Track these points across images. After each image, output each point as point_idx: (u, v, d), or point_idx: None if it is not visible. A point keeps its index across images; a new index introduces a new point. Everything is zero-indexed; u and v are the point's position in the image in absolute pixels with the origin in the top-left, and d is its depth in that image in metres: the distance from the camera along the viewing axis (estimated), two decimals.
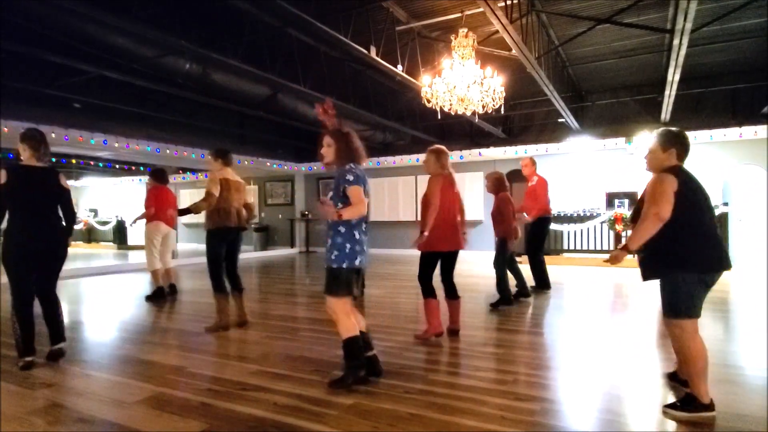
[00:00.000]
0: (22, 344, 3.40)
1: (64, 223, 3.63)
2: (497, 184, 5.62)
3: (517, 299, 5.77)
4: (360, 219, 2.99)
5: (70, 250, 3.65)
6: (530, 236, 6.61)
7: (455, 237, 4.12)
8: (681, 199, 2.49)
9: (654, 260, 2.61)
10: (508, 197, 5.58)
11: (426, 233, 3.98)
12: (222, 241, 4.55)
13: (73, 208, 3.71)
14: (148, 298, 6.23)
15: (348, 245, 2.93)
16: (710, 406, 2.51)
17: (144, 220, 6.32)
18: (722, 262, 2.55)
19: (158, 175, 6.47)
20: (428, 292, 4.13)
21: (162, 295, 6.26)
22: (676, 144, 2.64)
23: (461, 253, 4.28)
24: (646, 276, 2.68)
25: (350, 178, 2.91)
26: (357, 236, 2.98)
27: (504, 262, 5.53)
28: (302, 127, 11.16)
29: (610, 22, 6.42)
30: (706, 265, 2.53)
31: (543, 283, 6.48)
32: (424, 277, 4.14)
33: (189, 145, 11.16)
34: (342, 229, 2.94)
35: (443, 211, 4.02)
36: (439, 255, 4.14)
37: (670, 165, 2.62)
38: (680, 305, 2.52)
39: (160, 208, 6.27)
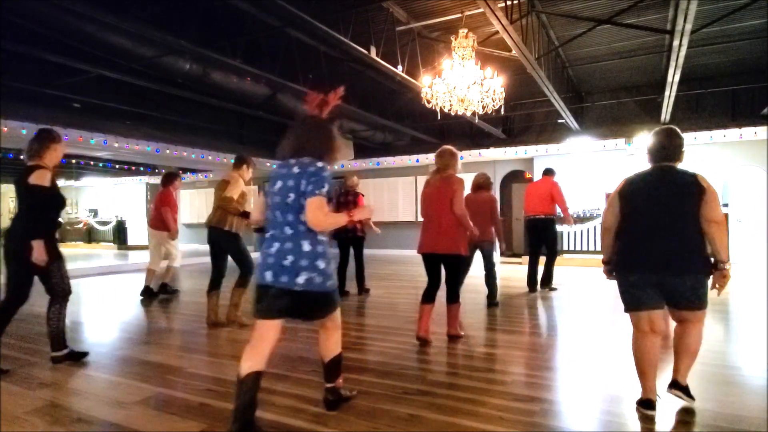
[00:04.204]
0: None
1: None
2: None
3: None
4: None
5: (69, 250, 3.62)
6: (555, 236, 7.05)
7: (432, 239, 3.96)
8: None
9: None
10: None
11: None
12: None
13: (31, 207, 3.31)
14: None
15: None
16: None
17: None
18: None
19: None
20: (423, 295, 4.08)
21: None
22: None
23: None
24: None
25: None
26: None
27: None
28: None
29: (610, 22, 6.42)
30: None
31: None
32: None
33: (189, 145, 11.15)
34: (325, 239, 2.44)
35: (423, 214, 4.10)
36: (423, 258, 4.08)
37: None
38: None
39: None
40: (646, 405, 2.57)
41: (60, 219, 3.60)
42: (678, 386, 2.65)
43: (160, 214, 6.37)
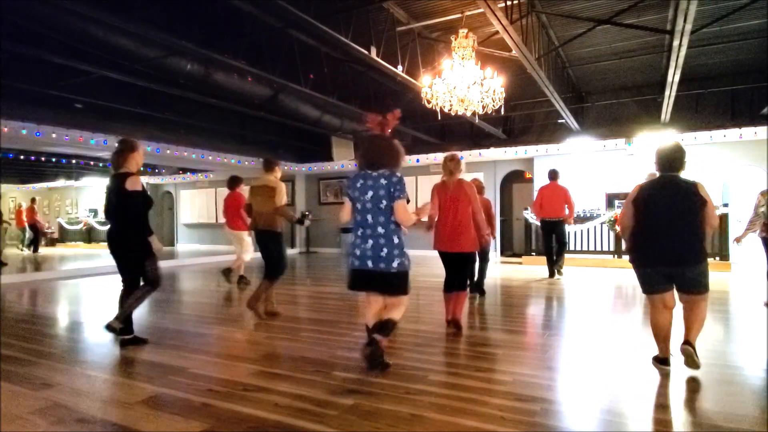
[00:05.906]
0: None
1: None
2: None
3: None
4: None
5: (69, 250, 3.71)
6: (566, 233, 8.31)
7: (450, 238, 4.28)
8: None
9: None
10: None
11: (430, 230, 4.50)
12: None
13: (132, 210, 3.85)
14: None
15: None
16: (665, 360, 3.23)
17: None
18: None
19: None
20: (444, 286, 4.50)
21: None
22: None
23: None
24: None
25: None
26: None
27: None
28: (303, 128, 11.17)
29: (610, 23, 6.44)
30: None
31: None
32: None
33: (189, 145, 11.16)
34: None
35: (440, 214, 4.37)
36: (441, 254, 4.41)
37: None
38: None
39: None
40: (663, 362, 3.20)
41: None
42: (689, 344, 3.13)
43: (239, 216, 7.09)
